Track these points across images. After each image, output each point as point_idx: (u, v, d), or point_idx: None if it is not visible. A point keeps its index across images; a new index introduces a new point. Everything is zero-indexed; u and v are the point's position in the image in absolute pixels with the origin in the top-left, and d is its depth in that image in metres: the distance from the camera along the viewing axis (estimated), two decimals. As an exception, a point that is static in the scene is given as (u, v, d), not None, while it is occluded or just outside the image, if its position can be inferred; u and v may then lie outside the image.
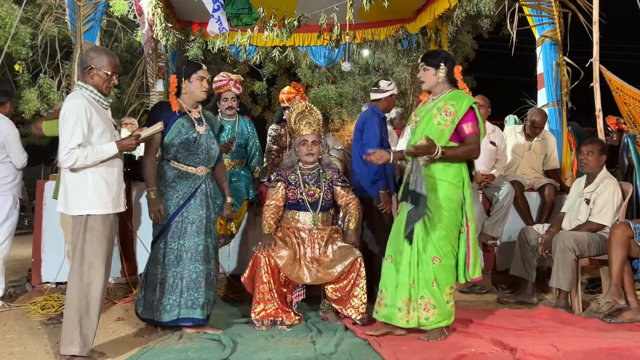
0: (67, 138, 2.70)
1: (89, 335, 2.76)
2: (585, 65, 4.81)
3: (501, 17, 6.45)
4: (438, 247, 3.08)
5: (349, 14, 5.22)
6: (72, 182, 2.78)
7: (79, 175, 2.77)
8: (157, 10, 5.41)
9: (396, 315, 3.10)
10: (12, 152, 4.04)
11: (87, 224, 2.76)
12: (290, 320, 3.44)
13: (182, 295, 3.16)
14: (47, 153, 6.56)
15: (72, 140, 2.70)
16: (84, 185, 2.76)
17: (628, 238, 3.58)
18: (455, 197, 3.10)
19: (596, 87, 4.58)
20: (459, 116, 3.09)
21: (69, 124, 2.71)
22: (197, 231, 3.20)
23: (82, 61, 2.88)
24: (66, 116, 2.73)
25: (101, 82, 2.85)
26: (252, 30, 6.33)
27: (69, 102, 2.77)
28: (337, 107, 11.06)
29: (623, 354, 2.82)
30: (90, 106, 2.77)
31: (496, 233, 4.62)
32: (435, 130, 3.11)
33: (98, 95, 2.85)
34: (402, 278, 3.11)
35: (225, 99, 4.34)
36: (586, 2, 4.88)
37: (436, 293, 3.07)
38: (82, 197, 2.76)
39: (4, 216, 3.99)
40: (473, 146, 3.11)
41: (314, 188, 3.64)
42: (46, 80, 7.93)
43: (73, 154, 2.69)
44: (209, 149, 3.28)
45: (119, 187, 2.90)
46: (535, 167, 5.06)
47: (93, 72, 2.84)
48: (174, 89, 3.25)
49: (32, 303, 3.87)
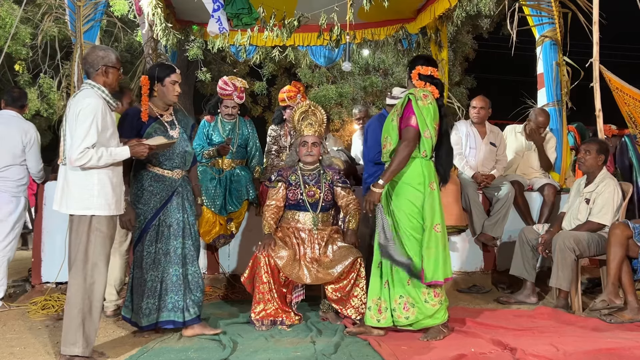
0: (81, 137, 2.67)
1: (91, 335, 2.76)
2: (585, 65, 4.81)
3: (501, 17, 6.47)
4: (407, 248, 3.10)
5: (349, 14, 5.22)
6: (77, 181, 2.74)
7: (85, 175, 2.74)
8: (157, 10, 5.41)
9: (367, 315, 3.17)
10: (31, 156, 4.07)
11: (92, 225, 2.74)
12: (290, 320, 3.44)
13: (162, 299, 3.13)
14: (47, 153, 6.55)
15: (87, 140, 2.67)
16: (90, 186, 2.74)
17: (627, 238, 3.58)
18: (417, 200, 3.11)
19: (596, 87, 4.58)
20: (401, 111, 3.16)
21: (85, 122, 2.68)
22: (174, 234, 3.17)
23: (92, 62, 2.83)
24: (82, 115, 2.69)
25: (115, 79, 2.85)
26: (252, 30, 6.33)
27: (85, 100, 2.73)
28: (337, 107, 11.08)
29: (623, 354, 2.82)
30: (104, 106, 2.77)
31: (496, 233, 4.62)
32: (393, 128, 3.19)
33: (109, 96, 2.84)
34: (373, 277, 3.20)
35: (226, 106, 4.38)
36: (586, 2, 4.88)
37: (412, 292, 3.10)
38: (88, 197, 2.73)
39: (16, 218, 4.00)
40: (405, 142, 3.09)
41: (315, 189, 3.64)
42: (46, 80, 7.95)
43: (87, 153, 2.67)
44: (184, 152, 3.24)
45: (121, 189, 2.91)
46: (535, 167, 5.06)
47: (109, 70, 2.83)
48: (146, 91, 3.15)
49: (32, 303, 3.87)
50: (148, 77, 3.18)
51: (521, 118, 5.54)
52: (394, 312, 3.13)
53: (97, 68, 2.82)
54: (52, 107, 8.38)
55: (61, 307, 3.76)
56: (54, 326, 3.44)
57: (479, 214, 4.64)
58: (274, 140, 4.88)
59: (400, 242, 3.11)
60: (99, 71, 2.82)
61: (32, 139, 4.06)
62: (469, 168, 4.77)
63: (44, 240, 4.23)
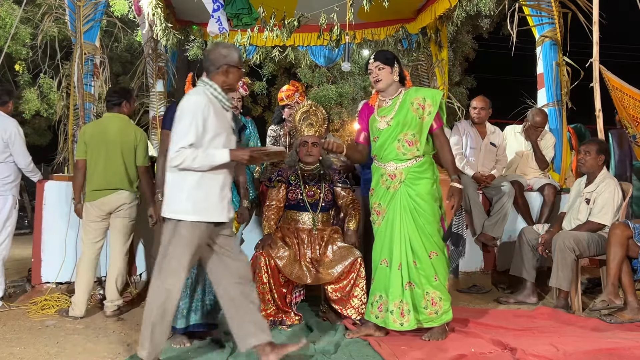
0: (180, 136, 2.53)
1: (160, 342, 2.62)
2: (585, 65, 4.81)
3: (501, 17, 6.46)
4: (433, 242, 3.12)
5: (349, 14, 5.22)
6: (171, 182, 2.61)
7: (179, 177, 2.58)
8: (157, 11, 5.40)
9: (389, 319, 3.10)
10: (16, 151, 4.03)
11: (176, 229, 2.57)
12: (290, 320, 3.44)
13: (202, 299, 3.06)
14: (47, 153, 6.56)
15: (185, 139, 2.51)
16: (180, 188, 2.58)
17: (627, 238, 3.59)
18: (436, 192, 3.20)
19: (596, 87, 4.58)
20: (435, 109, 3.17)
21: (184, 121, 2.53)
22: None
23: (214, 60, 2.68)
24: (183, 113, 2.55)
25: (235, 80, 2.71)
26: (252, 30, 6.33)
27: (190, 98, 2.60)
28: (337, 107, 11.07)
29: (623, 354, 2.82)
30: (210, 105, 2.60)
31: (496, 233, 4.62)
32: (417, 124, 3.17)
33: (221, 95, 2.68)
34: (395, 280, 3.11)
35: (232, 97, 4.33)
36: (586, 2, 4.88)
37: (440, 287, 3.11)
38: (177, 201, 2.58)
39: (5, 216, 3.99)
40: (443, 138, 3.25)
41: (314, 189, 3.64)
42: (46, 80, 7.95)
43: (182, 153, 2.51)
44: None
45: (222, 195, 2.66)
46: (535, 167, 5.06)
47: (230, 70, 2.68)
48: (190, 87, 3.11)
49: (32, 303, 3.87)
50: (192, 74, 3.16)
51: (521, 118, 5.53)
52: (425, 309, 3.08)
53: (219, 66, 2.67)
54: (52, 107, 8.38)
55: (61, 307, 3.77)
56: (54, 326, 3.44)
57: (479, 214, 4.64)
58: (273, 140, 4.88)
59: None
60: (220, 70, 2.67)
61: (12, 135, 4.00)
62: (469, 168, 4.77)
63: (44, 240, 4.23)
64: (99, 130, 3.76)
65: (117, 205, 3.73)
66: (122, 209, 3.75)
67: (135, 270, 4.38)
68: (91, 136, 3.74)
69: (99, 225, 3.74)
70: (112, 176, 3.71)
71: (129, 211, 3.78)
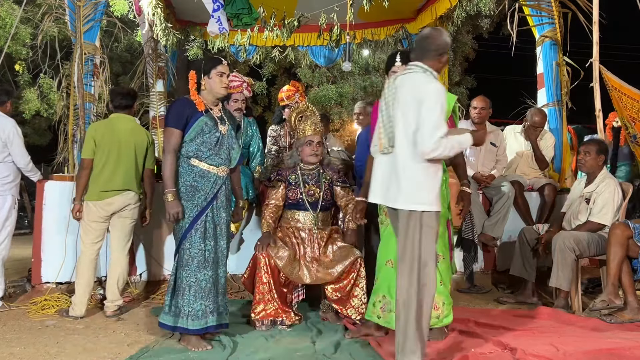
0: (434, 125, 2.45)
1: (425, 343, 2.55)
2: (585, 65, 4.81)
3: (501, 17, 6.46)
4: (439, 246, 3.09)
5: (349, 14, 5.22)
6: (410, 174, 2.53)
7: (420, 168, 2.52)
8: (157, 11, 5.40)
9: (393, 319, 3.05)
10: (15, 151, 4.02)
11: (423, 221, 2.53)
12: (290, 320, 3.44)
13: (215, 301, 3.05)
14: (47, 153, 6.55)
15: (441, 129, 2.45)
16: (423, 179, 2.53)
17: (627, 238, 3.59)
18: (444, 194, 3.16)
19: (596, 87, 4.58)
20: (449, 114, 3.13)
21: (435, 110, 2.46)
22: (221, 233, 3.11)
23: (440, 45, 2.62)
24: (433, 101, 2.47)
25: (442, 67, 2.68)
26: (252, 30, 6.33)
27: (432, 85, 2.53)
28: (337, 107, 11.08)
29: (623, 354, 2.82)
30: None
31: (496, 233, 4.62)
32: None
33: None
34: None
35: (236, 100, 4.32)
36: (586, 2, 4.88)
37: (444, 292, 3.09)
38: (421, 192, 2.52)
39: (4, 216, 3.99)
40: None
41: (314, 188, 3.65)
42: (46, 80, 7.95)
43: (441, 143, 2.44)
44: (230, 149, 3.17)
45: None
46: (535, 167, 5.06)
47: (444, 57, 2.64)
48: (194, 85, 3.13)
49: (32, 303, 3.87)
50: (195, 72, 3.14)
51: (521, 118, 5.54)
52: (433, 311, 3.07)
53: (441, 52, 2.62)
54: (52, 107, 8.38)
55: (61, 307, 3.77)
56: (54, 326, 3.44)
57: (479, 214, 4.64)
58: (273, 140, 4.88)
59: None
60: (440, 57, 2.63)
61: (11, 135, 3.99)
62: (469, 168, 4.76)
63: (44, 240, 4.23)
64: (110, 130, 3.73)
65: (122, 206, 3.72)
66: (127, 209, 3.75)
67: (135, 270, 4.38)
68: (102, 136, 3.69)
69: (101, 225, 3.73)
70: (121, 177, 3.69)
71: (132, 212, 3.78)
